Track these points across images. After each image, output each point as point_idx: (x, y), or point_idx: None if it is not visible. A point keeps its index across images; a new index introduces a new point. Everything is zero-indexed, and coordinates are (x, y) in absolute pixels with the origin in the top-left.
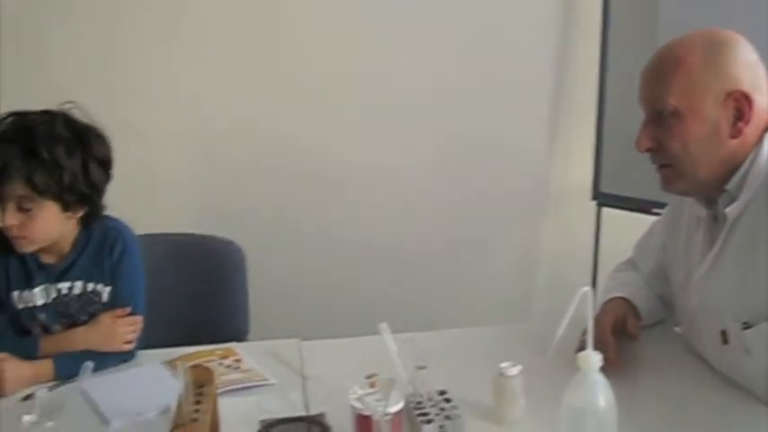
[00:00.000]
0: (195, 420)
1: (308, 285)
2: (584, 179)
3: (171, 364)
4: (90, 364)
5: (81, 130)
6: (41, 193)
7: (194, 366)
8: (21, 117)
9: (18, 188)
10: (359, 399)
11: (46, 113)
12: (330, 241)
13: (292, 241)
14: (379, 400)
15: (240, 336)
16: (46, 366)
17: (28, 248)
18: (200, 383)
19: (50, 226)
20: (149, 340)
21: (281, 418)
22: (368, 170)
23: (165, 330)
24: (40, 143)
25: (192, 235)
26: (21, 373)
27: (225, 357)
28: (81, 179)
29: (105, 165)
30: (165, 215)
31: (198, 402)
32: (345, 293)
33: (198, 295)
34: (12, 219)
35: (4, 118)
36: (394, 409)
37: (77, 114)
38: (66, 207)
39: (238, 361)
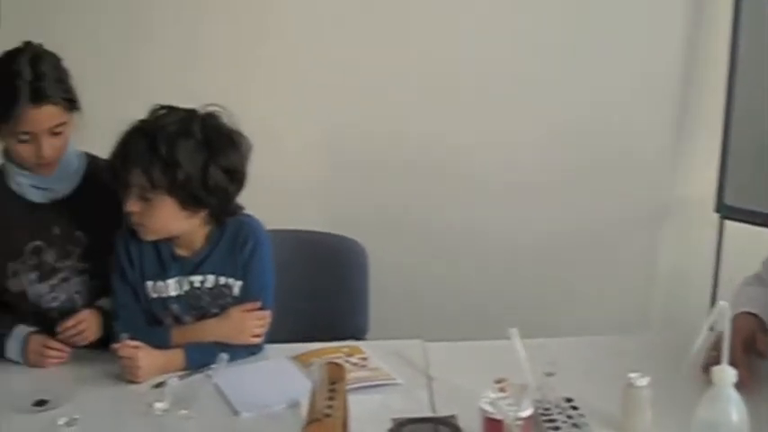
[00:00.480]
0: (328, 416)
1: (430, 286)
2: (708, 191)
3: (298, 359)
4: (225, 356)
5: (214, 134)
6: (156, 187)
7: (327, 364)
8: (161, 113)
9: (137, 177)
10: (491, 402)
11: (187, 112)
12: (453, 243)
13: (415, 241)
14: (510, 405)
15: (359, 334)
16: (177, 356)
17: (147, 237)
18: (333, 380)
19: (168, 220)
20: (273, 335)
21: (413, 417)
22: (493, 171)
23: (288, 325)
24: (162, 139)
25: (316, 233)
26: (153, 362)
27: (351, 355)
28: (197, 180)
29: (230, 172)
30: (290, 213)
31: (330, 399)
32: (466, 296)
33: (320, 292)
34: (132, 205)
35: (156, 109)
36: (525, 414)
37: (224, 119)
38: (183, 205)
39: (365, 359)
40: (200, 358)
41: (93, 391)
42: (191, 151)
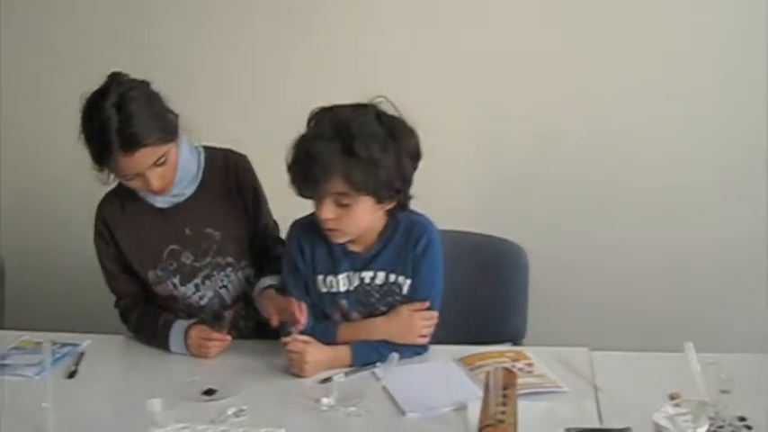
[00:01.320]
0: (502, 422)
1: (592, 294)
2: None
3: (463, 361)
4: (396, 355)
5: (392, 124)
6: (359, 189)
7: (499, 370)
8: (335, 113)
9: (337, 185)
10: (668, 417)
11: (358, 108)
12: (620, 252)
13: (579, 247)
14: (686, 422)
15: (516, 338)
16: (344, 353)
17: (339, 240)
18: (505, 386)
19: (363, 219)
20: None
21: (586, 428)
22: (662, 180)
23: (447, 326)
24: (357, 141)
25: (478, 234)
26: (320, 358)
27: (517, 360)
28: (395, 174)
29: (415, 157)
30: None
31: (503, 404)
32: (631, 306)
33: (480, 293)
34: (328, 213)
35: (316, 113)
36: (701, 431)
37: (386, 108)
38: (379, 201)
39: (530, 365)
40: (366, 356)
41: (260, 383)
42: (382, 146)
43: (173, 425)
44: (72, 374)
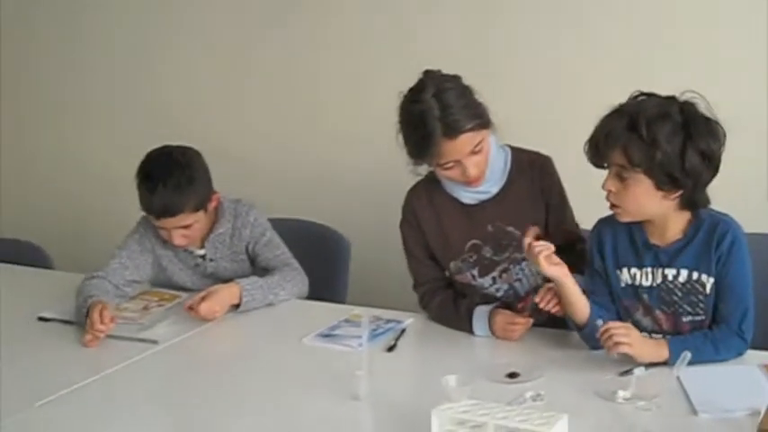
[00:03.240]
0: None
1: None
2: None
3: (765, 367)
4: (688, 355)
5: (693, 118)
6: (635, 165)
7: None
8: (646, 96)
9: (617, 157)
10: None
11: (668, 97)
12: None
13: None
14: None
15: None
16: (662, 346)
17: (622, 218)
18: None
19: (643, 199)
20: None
21: None
22: None
23: (763, 331)
24: (641, 119)
25: None
26: (645, 340)
27: None
28: (675, 162)
29: (707, 157)
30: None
31: None
32: None
33: None
34: (610, 185)
35: (636, 95)
36: None
37: (701, 107)
38: (658, 185)
39: None
40: (682, 351)
41: (562, 371)
42: (669, 132)
43: (465, 400)
44: (391, 348)
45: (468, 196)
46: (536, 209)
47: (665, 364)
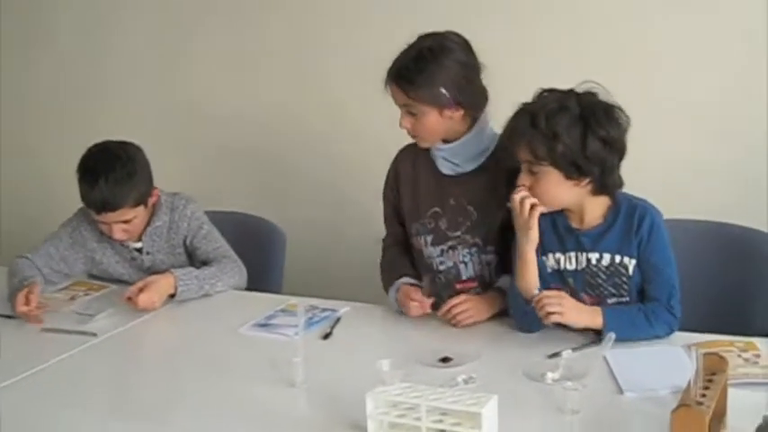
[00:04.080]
0: (700, 404)
1: None
2: None
3: (689, 347)
4: (613, 336)
5: (591, 108)
6: (540, 159)
7: (709, 354)
8: (544, 91)
9: (524, 154)
10: None
11: (568, 90)
12: None
13: None
14: None
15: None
16: (597, 313)
17: (543, 210)
18: (713, 371)
19: (555, 190)
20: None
21: None
22: None
23: (692, 315)
24: (541, 115)
25: (727, 225)
26: (579, 307)
27: (744, 351)
28: (577, 152)
29: (610, 142)
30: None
31: (706, 388)
32: None
33: (724, 285)
34: (523, 180)
35: (540, 92)
36: None
37: (601, 94)
38: (567, 175)
39: (758, 356)
40: (617, 324)
41: (494, 355)
42: (568, 124)
43: (397, 383)
44: (327, 336)
45: (446, 165)
46: (500, 202)
47: (592, 344)
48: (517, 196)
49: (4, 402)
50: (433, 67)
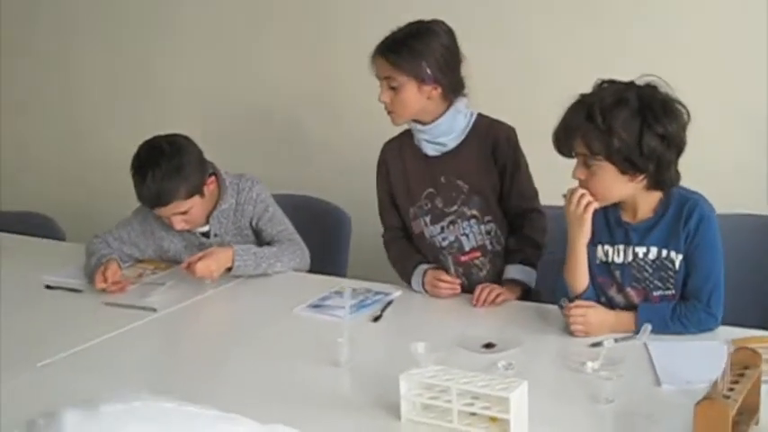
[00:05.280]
0: (726, 398)
1: None
2: None
3: (734, 342)
4: (649, 326)
5: (650, 102)
6: (595, 153)
7: (741, 348)
8: (605, 83)
9: (579, 146)
10: None
11: (628, 84)
12: None
13: None
14: None
15: None
16: (628, 317)
17: (596, 204)
18: (745, 365)
19: (609, 185)
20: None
21: None
22: None
23: (746, 309)
24: (596, 109)
25: None
26: (605, 320)
27: None
28: (633, 148)
29: (666, 139)
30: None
31: (735, 382)
32: None
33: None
34: (578, 173)
35: (599, 83)
36: None
37: (662, 88)
38: (622, 170)
39: None
40: (650, 321)
41: (537, 342)
42: (625, 119)
43: (432, 366)
44: (377, 318)
45: (430, 147)
46: (487, 170)
47: (636, 334)
48: (575, 194)
49: (62, 371)
50: (418, 44)
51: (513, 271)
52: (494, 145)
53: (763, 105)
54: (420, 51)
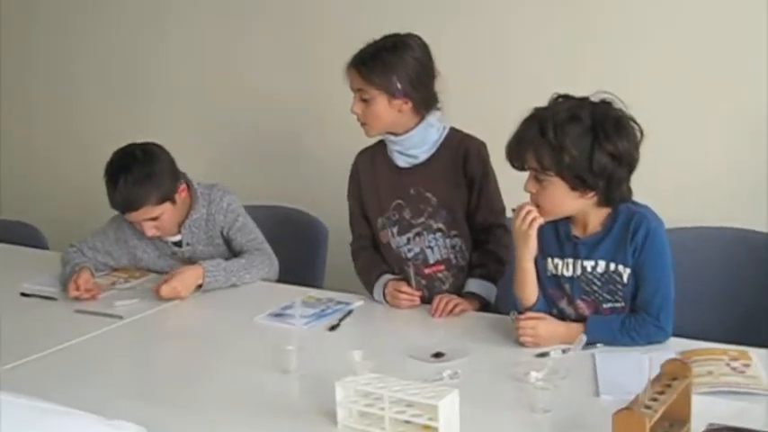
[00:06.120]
0: (648, 408)
1: None
2: None
3: (684, 355)
4: (584, 338)
5: (603, 120)
6: (546, 169)
7: (672, 360)
8: (558, 98)
9: (531, 161)
10: None
11: (582, 99)
12: None
13: None
14: None
15: None
16: (578, 329)
17: (543, 217)
18: (674, 376)
19: (559, 200)
20: (681, 329)
21: (733, 426)
22: None
23: (695, 322)
24: (549, 125)
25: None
26: (555, 332)
27: (735, 359)
28: (583, 165)
29: (617, 157)
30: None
31: (661, 393)
32: None
33: (736, 292)
34: (530, 186)
35: (554, 98)
36: None
37: (616, 105)
38: (572, 186)
39: (747, 366)
40: (599, 333)
41: (487, 353)
42: (577, 136)
43: (367, 374)
44: (333, 327)
45: (401, 159)
46: (456, 184)
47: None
48: (522, 210)
49: (30, 374)
50: (390, 58)
51: (474, 285)
52: (464, 158)
53: (763, 105)
54: (392, 65)
